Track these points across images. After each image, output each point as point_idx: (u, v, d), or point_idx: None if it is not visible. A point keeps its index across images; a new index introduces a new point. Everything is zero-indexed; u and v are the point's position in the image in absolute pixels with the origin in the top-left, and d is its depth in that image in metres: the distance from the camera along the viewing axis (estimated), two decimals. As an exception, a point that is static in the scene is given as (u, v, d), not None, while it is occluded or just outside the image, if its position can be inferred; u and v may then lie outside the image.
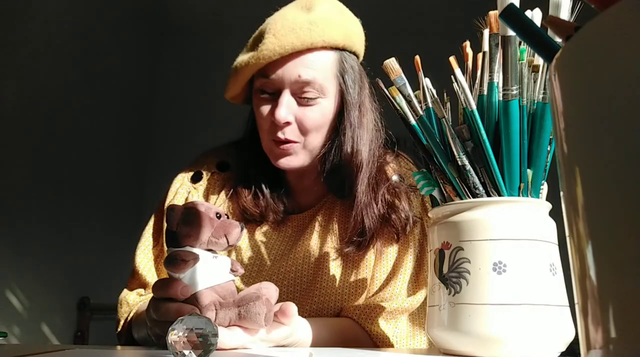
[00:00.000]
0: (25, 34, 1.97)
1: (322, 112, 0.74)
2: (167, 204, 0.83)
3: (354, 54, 0.77)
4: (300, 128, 0.74)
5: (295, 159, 0.76)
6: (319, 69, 0.72)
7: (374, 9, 0.80)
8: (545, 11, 0.47)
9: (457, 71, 0.53)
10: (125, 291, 0.80)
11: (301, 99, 0.73)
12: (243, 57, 0.74)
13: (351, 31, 0.75)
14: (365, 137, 0.75)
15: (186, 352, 0.42)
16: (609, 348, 0.20)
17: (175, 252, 0.53)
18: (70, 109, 2.28)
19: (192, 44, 3.15)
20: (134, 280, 0.80)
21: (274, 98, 0.74)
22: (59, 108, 2.20)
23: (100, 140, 2.54)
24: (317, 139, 0.75)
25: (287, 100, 0.72)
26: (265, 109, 0.74)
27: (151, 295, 0.57)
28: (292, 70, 0.71)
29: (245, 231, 0.58)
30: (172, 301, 0.53)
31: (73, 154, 2.30)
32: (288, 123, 0.73)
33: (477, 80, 0.54)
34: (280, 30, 0.70)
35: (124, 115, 2.83)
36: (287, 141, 0.74)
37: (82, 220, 2.35)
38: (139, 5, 2.88)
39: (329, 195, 0.82)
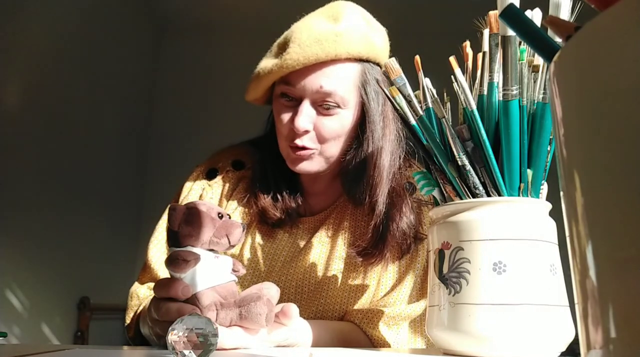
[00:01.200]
0: (25, 35, 1.97)
1: (341, 123, 0.74)
2: (182, 198, 0.84)
3: (378, 65, 0.77)
4: (318, 136, 0.74)
5: (312, 165, 0.76)
6: (340, 81, 0.72)
7: (374, 9, 0.80)
8: (545, 11, 0.47)
9: (457, 71, 0.53)
10: (136, 284, 0.80)
11: (321, 108, 0.73)
12: (266, 64, 0.74)
13: (376, 43, 0.75)
14: (387, 148, 0.76)
15: (186, 352, 0.42)
16: (609, 348, 0.20)
17: (177, 252, 0.53)
18: (70, 109, 2.28)
19: (192, 43, 3.15)
20: (145, 273, 0.79)
21: (295, 105, 0.74)
22: (59, 109, 2.20)
23: (100, 141, 2.54)
24: (334, 147, 0.76)
25: (307, 109, 0.72)
26: (286, 116, 0.75)
27: None
28: (314, 81, 0.71)
29: (244, 233, 0.58)
30: (173, 300, 0.53)
31: (73, 154, 2.30)
32: (307, 131, 0.73)
33: (477, 80, 0.54)
34: (305, 41, 0.70)
35: (124, 116, 2.83)
36: (304, 148, 0.74)
37: (82, 220, 2.35)
38: (140, 5, 2.88)
39: (341, 198, 0.82)
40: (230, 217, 0.58)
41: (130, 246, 2.71)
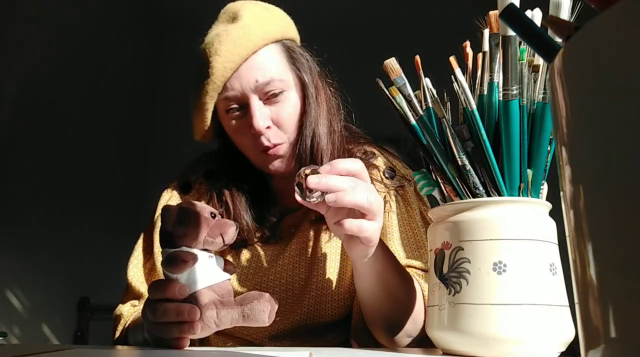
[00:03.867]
0: (26, 35, 1.97)
1: (292, 104, 0.75)
2: (157, 215, 0.83)
3: (292, 40, 0.78)
4: (281, 127, 0.74)
5: (284, 162, 0.76)
6: (272, 66, 0.73)
7: (374, 8, 0.80)
8: (545, 11, 0.47)
9: (457, 71, 0.53)
10: (120, 305, 0.79)
11: (270, 100, 0.73)
12: (199, 92, 0.75)
13: (281, 21, 0.78)
14: (323, 115, 0.77)
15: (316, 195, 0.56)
16: (609, 348, 0.20)
17: (175, 253, 0.53)
18: (70, 109, 2.28)
19: (193, 43, 3.15)
20: (127, 293, 0.79)
21: (244, 113, 0.74)
22: (58, 109, 2.20)
23: (100, 141, 2.54)
24: (296, 132, 0.76)
25: (258, 107, 0.73)
26: (241, 124, 0.75)
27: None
28: (248, 78, 0.72)
29: (237, 231, 0.58)
30: (168, 302, 0.53)
31: (73, 154, 2.30)
32: (268, 128, 0.73)
33: (477, 80, 0.54)
34: (221, 49, 0.71)
35: (125, 117, 2.83)
36: (275, 145, 0.74)
37: (82, 220, 2.35)
38: (140, 5, 2.88)
39: None
40: (222, 217, 0.58)
41: (130, 246, 2.70)
